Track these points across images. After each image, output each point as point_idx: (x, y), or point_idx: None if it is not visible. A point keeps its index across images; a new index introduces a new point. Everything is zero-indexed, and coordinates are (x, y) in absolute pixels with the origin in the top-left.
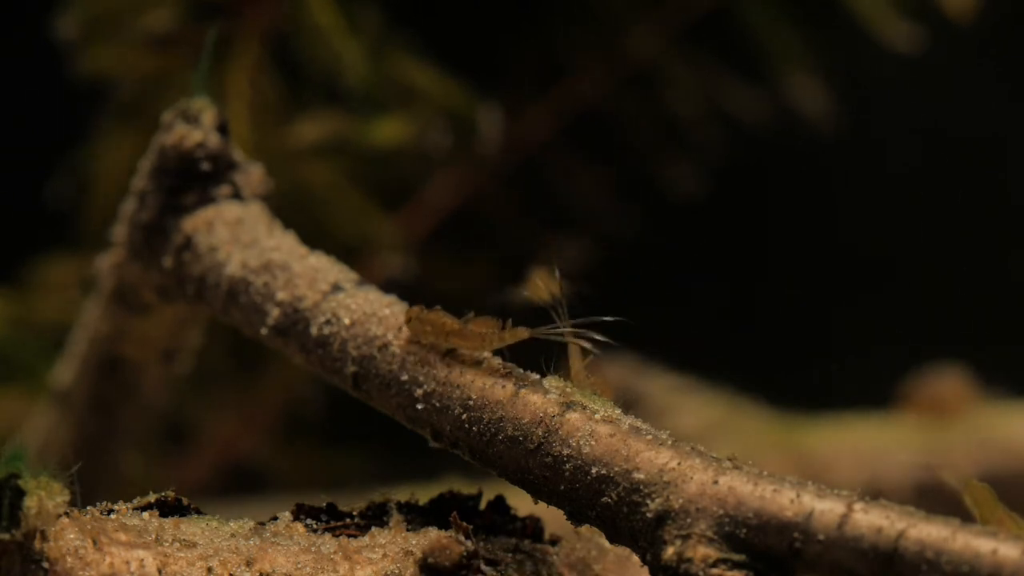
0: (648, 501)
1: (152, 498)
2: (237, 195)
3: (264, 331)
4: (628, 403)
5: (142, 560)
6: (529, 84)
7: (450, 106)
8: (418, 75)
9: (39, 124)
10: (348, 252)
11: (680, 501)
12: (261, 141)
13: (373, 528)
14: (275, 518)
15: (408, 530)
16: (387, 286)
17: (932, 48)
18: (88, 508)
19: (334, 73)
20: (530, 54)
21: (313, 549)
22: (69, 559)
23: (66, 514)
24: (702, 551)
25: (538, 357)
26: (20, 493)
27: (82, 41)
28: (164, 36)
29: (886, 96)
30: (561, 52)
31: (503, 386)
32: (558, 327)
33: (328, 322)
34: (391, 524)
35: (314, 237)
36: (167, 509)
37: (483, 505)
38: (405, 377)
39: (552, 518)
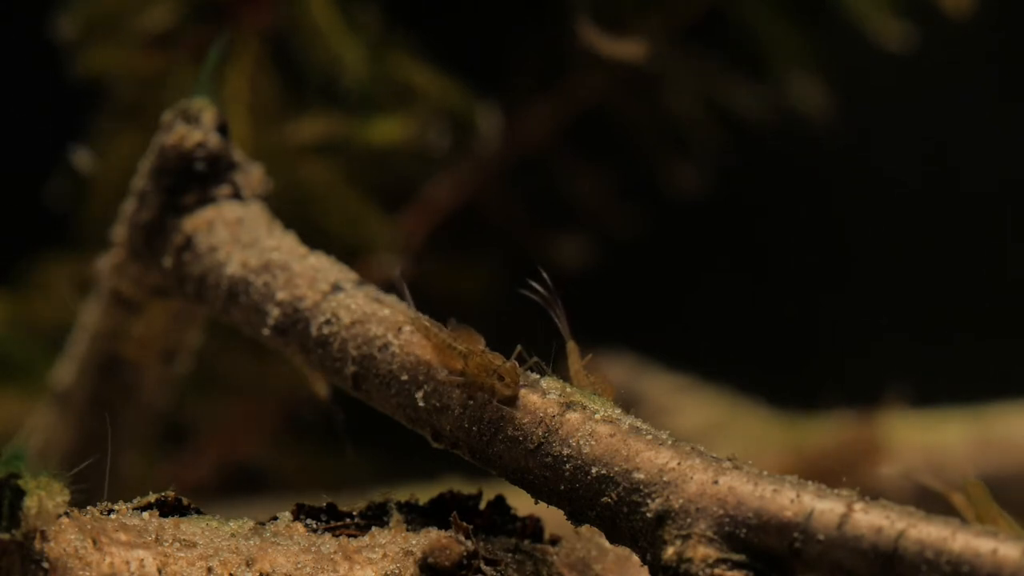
0: (648, 501)
1: (152, 498)
2: (237, 195)
3: (264, 331)
4: (628, 403)
5: (142, 560)
6: (530, 84)
7: (449, 106)
8: (417, 75)
9: (39, 124)
10: (346, 252)
11: (680, 501)
12: (259, 141)
13: (373, 528)
14: (275, 518)
15: (408, 530)
16: (384, 287)
17: (932, 46)
18: (88, 508)
19: (333, 73)
20: (531, 54)
21: (313, 549)
22: (69, 559)
23: (66, 514)
24: (702, 551)
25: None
26: (20, 493)
27: (81, 41)
28: (162, 36)
29: (886, 94)
30: (562, 52)
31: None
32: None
33: (328, 322)
34: (391, 524)
35: (311, 237)
36: (167, 509)
37: (483, 505)
38: (405, 377)
39: (552, 518)
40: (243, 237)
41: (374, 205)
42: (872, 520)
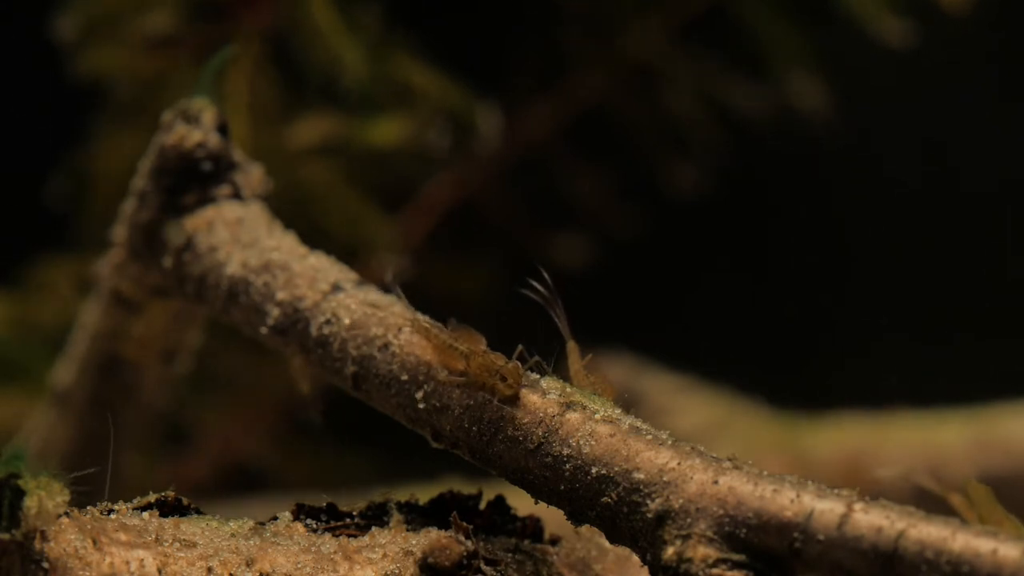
0: (648, 501)
1: (152, 498)
2: (237, 195)
3: (264, 331)
4: (628, 403)
5: (142, 560)
6: (530, 84)
7: (449, 106)
8: (417, 75)
9: (39, 124)
10: (346, 253)
11: (680, 501)
12: (259, 141)
13: (373, 528)
14: (275, 518)
15: (408, 530)
16: (384, 287)
17: (932, 46)
18: (88, 508)
19: (333, 74)
20: (531, 53)
21: (313, 549)
22: (69, 559)
23: (66, 514)
24: (702, 551)
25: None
26: (20, 493)
27: (81, 42)
28: (162, 37)
29: (886, 94)
30: (561, 51)
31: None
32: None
33: (328, 322)
34: (391, 524)
35: (311, 237)
36: (167, 509)
37: (483, 505)
38: (405, 377)
39: (552, 518)
40: (243, 237)
41: (374, 205)
42: (872, 520)
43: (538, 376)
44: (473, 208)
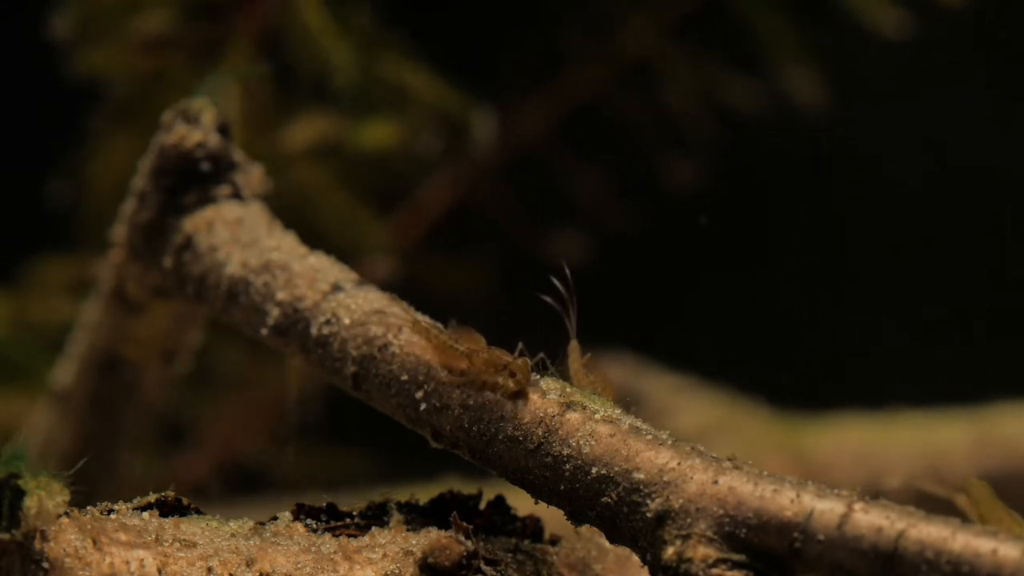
0: (648, 501)
1: (152, 498)
2: (237, 195)
3: (264, 331)
4: (628, 403)
5: (142, 560)
6: (526, 81)
7: (443, 108)
8: (411, 77)
9: (39, 124)
10: (339, 254)
11: (680, 501)
12: (252, 143)
13: (373, 528)
14: (275, 518)
15: (408, 530)
16: (379, 288)
17: (933, 45)
18: (88, 508)
19: (324, 75)
20: (528, 50)
21: (313, 549)
22: (69, 559)
23: (66, 514)
24: (702, 551)
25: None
26: (20, 493)
27: (76, 41)
28: (158, 37)
29: (886, 94)
30: (558, 48)
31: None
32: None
33: (328, 322)
34: (391, 524)
35: (305, 239)
36: (167, 509)
37: (483, 505)
38: (405, 377)
39: (552, 518)
40: (243, 237)
41: (367, 207)
42: (872, 520)
43: (538, 376)
44: (470, 208)
